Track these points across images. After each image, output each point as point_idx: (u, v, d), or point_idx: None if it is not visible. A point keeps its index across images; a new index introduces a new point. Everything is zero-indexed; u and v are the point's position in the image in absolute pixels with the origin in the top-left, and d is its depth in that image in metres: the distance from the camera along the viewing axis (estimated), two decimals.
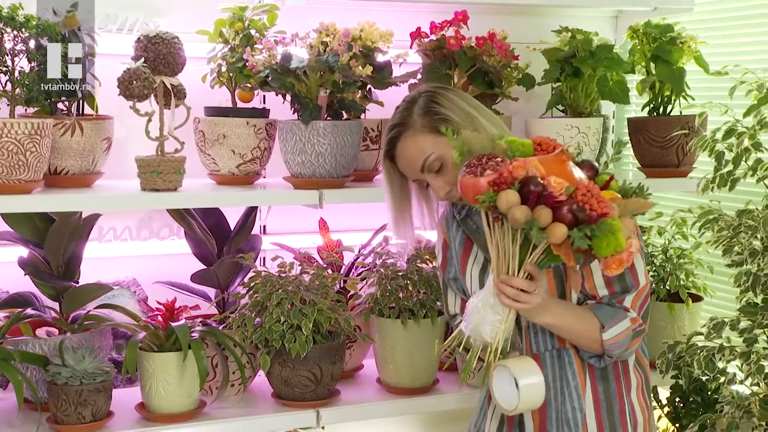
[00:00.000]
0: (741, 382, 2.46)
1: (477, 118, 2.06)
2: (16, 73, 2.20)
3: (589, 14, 3.13)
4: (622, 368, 2.05)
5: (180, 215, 2.57)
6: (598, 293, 1.99)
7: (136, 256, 2.73)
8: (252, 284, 2.50)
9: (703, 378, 2.62)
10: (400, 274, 2.59)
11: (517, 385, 1.92)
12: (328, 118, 2.48)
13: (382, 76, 2.54)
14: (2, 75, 2.20)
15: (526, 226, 1.74)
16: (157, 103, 2.37)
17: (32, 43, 2.21)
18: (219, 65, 2.54)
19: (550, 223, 1.73)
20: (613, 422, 2.02)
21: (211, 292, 2.67)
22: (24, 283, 2.50)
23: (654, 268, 2.97)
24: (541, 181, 1.75)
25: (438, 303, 2.55)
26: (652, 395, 2.15)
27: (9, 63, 2.19)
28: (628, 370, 2.05)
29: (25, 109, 2.32)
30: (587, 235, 1.71)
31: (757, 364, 2.36)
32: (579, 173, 1.83)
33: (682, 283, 2.91)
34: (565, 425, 2.04)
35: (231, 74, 2.53)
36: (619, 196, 1.81)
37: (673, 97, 2.82)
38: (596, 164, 1.87)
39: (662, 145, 2.81)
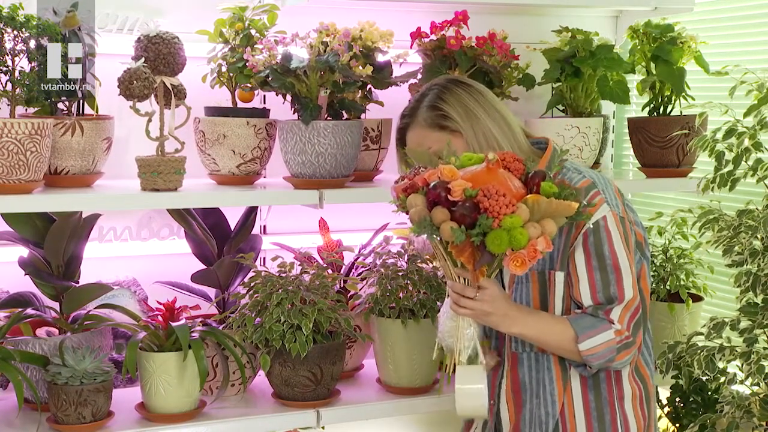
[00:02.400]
0: (741, 382, 2.46)
1: (478, 118, 2.07)
2: (17, 73, 2.20)
3: (590, 14, 3.13)
4: (615, 378, 2.04)
5: (180, 215, 2.57)
6: (583, 303, 1.98)
7: (137, 256, 2.73)
8: (252, 284, 2.50)
9: (704, 378, 2.62)
10: (401, 274, 2.59)
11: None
12: (329, 118, 2.48)
13: (383, 76, 2.55)
14: (2, 75, 2.20)
15: (419, 225, 1.81)
16: (158, 103, 2.37)
17: (32, 43, 2.21)
18: (219, 65, 2.54)
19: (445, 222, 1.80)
20: (604, 430, 2.02)
21: (212, 292, 2.67)
22: (24, 283, 2.50)
23: (654, 268, 2.97)
24: (446, 185, 1.81)
25: (438, 303, 2.55)
26: (655, 406, 2.12)
27: (9, 63, 2.19)
28: (621, 380, 2.04)
29: (26, 109, 2.32)
30: (482, 232, 1.76)
31: (757, 364, 2.36)
32: (512, 180, 1.86)
33: (682, 283, 2.92)
34: (537, 428, 2.05)
35: (231, 74, 2.53)
36: (545, 198, 1.83)
37: (673, 97, 2.82)
38: (545, 173, 1.89)
39: (662, 145, 2.81)
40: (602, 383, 2.03)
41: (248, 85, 2.52)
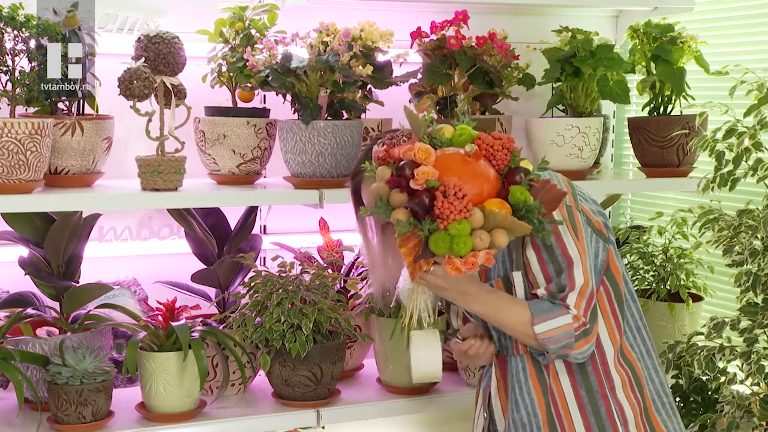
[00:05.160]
0: (741, 382, 2.46)
1: None
2: (17, 73, 2.20)
3: (590, 14, 3.13)
4: (603, 369, 2.04)
5: (180, 215, 2.57)
6: (538, 292, 1.99)
7: (137, 256, 2.73)
8: (252, 284, 2.50)
9: (704, 378, 2.62)
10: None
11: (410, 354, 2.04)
12: (329, 118, 2.48)
13: (383, 75, 2.54)
14: (3, 75, 2.20)
15: (375, 203, 1.83)
16: (158, 102, 2.37)
17: (32, 43, 2.21)
18: (219, 65, 2.54)
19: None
20: (602, 423, 2.02)
21: (212, 291, 2.67)
22: (24, 283, 2.50)
23: (654, 268, 2.97)
24: (413, 167, 1.81)
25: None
26: (655, 389, 2.11)
27: (9, 63, 2.19)
28: (609, 369, 2.04)
29: (26, 109, 2.32)
30: (429, 230, 1.77)
31: (757, 363, 2.36)
32: (488, 172, 1.85)
33: (682, 282, 2.91)
34: (520, 429, 2.05)
35: (231, 74, 2.53)
36: (507, 208, 1.82)
37: (673, 97, 2.82)
38: (524, 171, 1.87)
39: (662, 145, 2.81)
40: (591, 376, 2.03)
41: (248, 84, 2.52)
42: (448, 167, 1.82)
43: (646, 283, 2.98)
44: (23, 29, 2.18)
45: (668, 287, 2.92)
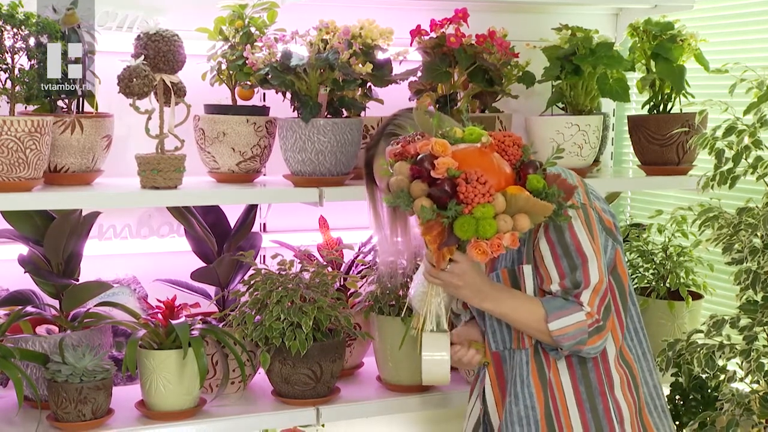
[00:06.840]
0: (741, 380, 2.47)
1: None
2: (16, 71, 2.20)
3: (590, 12, 3.13)
4: (603, 367, 2.05)
5: (180, 213, 2.57)
6: (551, 290, 2.00)
7: (136, 254, 2.73)
8: (252, 282, 2.50)
9: (703, 375, 2.62)
10: (400, 271, 2.59)
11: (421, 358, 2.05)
12: (328, 116, 2.48)
13: (382, 73, 2.54)
14: (2, 73, 2.20)
15: (396, 195, 1.84)
16: (157, 100, 2.37)
17: (32, 41, 2.21)
18: (219, 63, 2.54)
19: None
20: (599, 421, 2.03)
21: (211, 289, 2.67)
22: (24, 281, 2.50)
23: (654, 266, 2.97)
24: (432, 160, 1.83)
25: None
26: (647, 391, 2.12)
27: (9, 61, 2.19)
28: (609, 368, 2.05)
29: (25, 107, 2.32)
30: (450, 215, 1.79)
31: (756, 361, 2.36)
32: (503, 165, 1.88)
33: (682, 280, 2.92)
34: (516, 425, 2.06)
35: (231, 72, 2.53)
36: (527, 192, 1.85)
37: (673, 95, 2.82)
38: (538, 163, 1.91)
39: (662, 143, 2.81)
40: (591, 373, 2.04)
41: (248, 82, 2.52)
42: (465, 159, 1.85)
43: (646, 281, 2.99)
44: (23, 27, 2.18)
45: (668, 285, 2.92)
